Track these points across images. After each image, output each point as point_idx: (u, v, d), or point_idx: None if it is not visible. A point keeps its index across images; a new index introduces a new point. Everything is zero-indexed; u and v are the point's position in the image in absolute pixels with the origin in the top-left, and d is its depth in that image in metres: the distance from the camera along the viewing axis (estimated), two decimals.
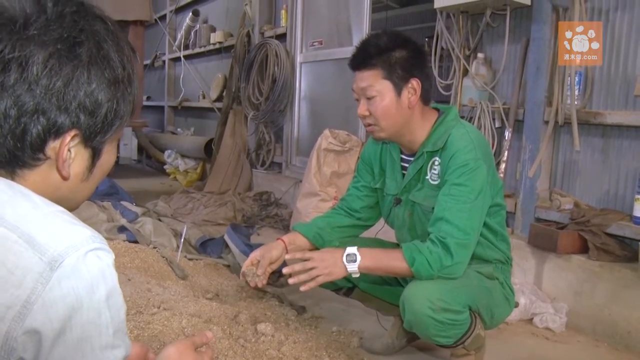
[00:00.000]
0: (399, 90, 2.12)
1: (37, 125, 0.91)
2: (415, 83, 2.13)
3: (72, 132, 0.94)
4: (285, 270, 2.17)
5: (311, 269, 2.07)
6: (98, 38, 0.96)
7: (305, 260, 2.10)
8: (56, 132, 0.93)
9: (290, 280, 2.11)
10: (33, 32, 0.90)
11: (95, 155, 1.00)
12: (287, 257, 2.22)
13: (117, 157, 7.95)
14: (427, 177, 2.19)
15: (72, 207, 1.02)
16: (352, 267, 2.06)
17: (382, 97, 2.12)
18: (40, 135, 0.92)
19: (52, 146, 0.94)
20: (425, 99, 2.18)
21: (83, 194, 1.05)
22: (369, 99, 2.14)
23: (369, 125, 2.19)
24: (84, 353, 0.87)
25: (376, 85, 2.12)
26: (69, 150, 0.95)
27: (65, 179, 0.97)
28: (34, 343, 0.84)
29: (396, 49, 2.12)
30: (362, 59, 2.16)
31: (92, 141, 0.98)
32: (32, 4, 0.92)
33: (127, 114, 1.03)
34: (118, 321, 0.91)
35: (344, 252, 2.07)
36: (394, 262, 2.05)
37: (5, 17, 0.90)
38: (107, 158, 1.04)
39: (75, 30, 0.93)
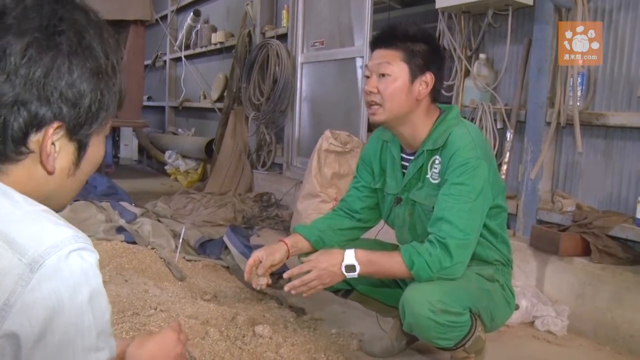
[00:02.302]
0: (413, 78, 2.12)
1: (17, 118, 0.89)
2: (429, 77, 2.13)
3: (55, 124, 0.91)
4: (287, 289, 2.15)
5: (312, 280, 2.07)
6: (79, 27, 0.93)
7: (305, 273, 2.09)
8: (38, 124, 0.90)
9: (290, 290, 2.12)
10: (11, 21, 0.88)
11: (81, 148, 0.97)
12: (285, 275, 2.19)
13: (118, 158, 7.96)
14: (428, 176, 2.17)
15: (60, 204, 1.00)
16: (352, 275, 2.07)
17: (396, 78, 2.11)
18: (22, 128, 0.89)
19: (34, 139, 0.91)
20: (433, 96, 2.18)
21: (71, 190, 1.01)
22: (382, 75, 2.12)
23: (373, 104, 2.16)
24: (66, 356, 0.84)
25: (394, 64, 2.11)
26: (53, 144, 0.93)
27: (50, 173, 0.94)
28: (12, 347, 0.81)
29: (421, 41, 2.13)
30: (387, 38, 2.16)
31: (77, 134, 0.95)
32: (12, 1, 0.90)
33: (113, 106, 0.99)
34: (102, 323, 0.88)
35: (342, 261, 2.05)
36: (393, 266, 2.04)
37: None
38: (95, 152, 1.01)
39: (55, 19, 0.91)
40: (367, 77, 2.18)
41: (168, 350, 1.24)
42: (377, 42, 2.18)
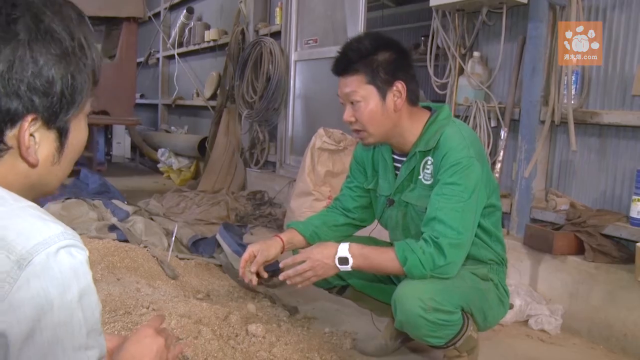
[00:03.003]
0: (383, 94, 2.08)
1: None
2: (400, 85, 2.09)
3: (29, 117, 0.89)
4: (282, 278, 2.15)
5: (306, 271, 2.07)
6: (35, 10, 0.89)
7: (298, 263, 2.09)
8: (11, 119, 0.88)
9: (286, 280, 2.13)
10: None
11: (62, 135, 0.95)
12: (281, 265, 2.19)
13: (110, 156, 7.90)
14: (420, 177, 2.16)
15: (48, 191, 0.98)
16: (345, 268, 2.06)
17: (367, 102, 2.08)
18: None
19: (10, 135, 0.89)
20: (412, 100, 2.14)
21: (57, 177, 0.99)
22: (353, 104, 2.11)
23: (357, 131, 2.16)
24: (56, 355, 0.82)
25: (360, 90, 2.08)
26: (32, 136, 0.90)
27: (33, 165, 0.92)
28: (1, 346, 0.79)
29: (378, 52, 2.08)
30: (344, 65, 2.11)
31: (55, 122, 0.92)
32: None
33: (88, 86, 0.96)
34: (92, 321, 0.87)
35: (336, 254, 2.05)
36: (386, 261, 2.03)
37: None
38: (77, 136, 0.98)
39: (7, 6, 0.87)
40: (343, 104, 2.17)
41: (145, 348, 1.18)
42: (337, 71, 2.15)
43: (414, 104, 2.16)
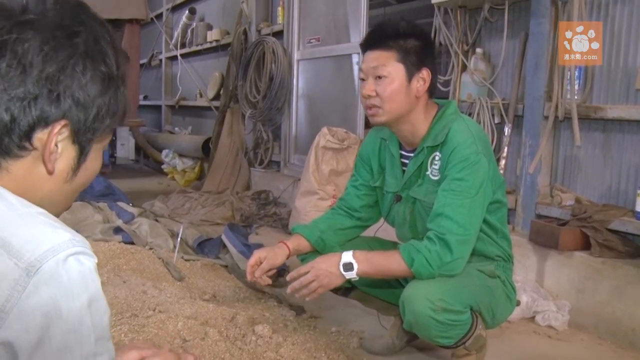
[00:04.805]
0: (410, 76, 2.09)
1: (27, 111, 0.88)
2: (426, 73, 2.11)
3: (62, 122, 0.91)
4: (289, 291, 2.16)
5: (311, 281, 2.07)
6: (96, 33, 0.95)
7: (304, 274, 2.09)
8: (46, 119, 0.90)
9: (293, 293, 2.13)
10: (31, 17, 0.89)
11: (82, 154, 0.97)
12: (288, 278, 2.20)
13: (114, 157, 7.92)
14: (428, 172, 2.15)
15: (52, 211, 0.98)
16: (350, 275, 2.05)
17: (393, 79, 2.08)
18: (30, 122, 0.89)
19: (39, 136, 0.90)
20: (431, 92, 2.16)
21: (64, 198, 1.00)
22: (378, 78, 2.09)
23: (372, 107, 2.13)
24: None
25: (389, 66, 2.08)
26: (56, 145, 0.92)
27: (50, 172, 0.93)
28: (9, 355, 0.80)
29: (413, 37, 2.10)
30: (378, 38, 2.12)
31: (80, 138, 0.95)
32: (33, 1, 0.92)
33: (118, 115, 1.00)
34: (101, 328, 0.87)
35: (340, 260, 2.05)
36: (392, 264, 2.03)
37: (5, 6, 0.90)
38: (93, 162, 1.00)
39: (74, 22, 0.92)
40: (363, 79, 2.16)
41: None
42: (369, 44, 2.15)
43: (431, 96, 2.18)
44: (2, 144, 0.89)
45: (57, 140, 0.91)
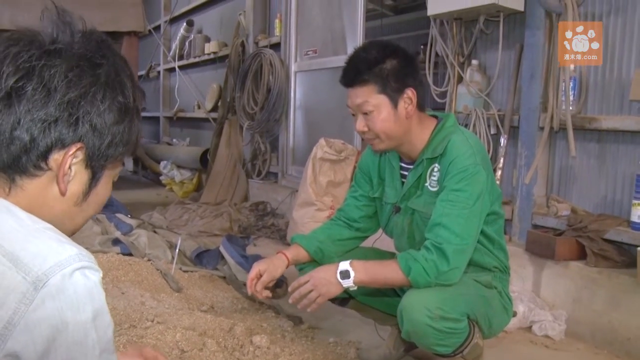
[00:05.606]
0: (395, 103, 2.10)
1: (46, 132, 0.93)
2: (410, 92, 2.11)
3: (78, 145, 0.96)
4: (291, 302, 2.16)
5: (310, 291, 2.07)
6: (117, 66, 1.01)
7: (303, 283, 2.10)
8: (62, 141, 0.94)
9: (294, 303, 2.14)
10: (60, 46, 0.95)
11: (94, 178, 1.01)
12: (289, 289, 2.20)
13: None
14: (427, 184, 2.17)
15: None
16: (347, 283, 2.05)
17: (380, 111, 2.10)
18: (48, 143, 0.93)
19: (55, 157, 0.95)
20: (421, 105, 2.17)
21: (74, 222, 1.04)
22: (365, 114, 2.12)
23: (369, 139, 2.18)
24: None
25: (371, 100, 2.09)
26: (70, 168, 0.96)
27: (62, 193, 0.97)
28: None
29: (386, 59, 2.09)
30: (353, 76, 2.13)
31: (94, 162, 0.99)
32: (63, 32, 0.98)
33: (131, 145, 1.05)
34: (105, 341, 0.89)
35: (337, 268, 2.06)
36: (390, 273, 2.04)
37: (37, 35, 0.96)
38: (103, 188, 1.05)
39: (98, 54, 0.99)
40: (353, 115, 2.18)
41: None
42: (346, 83, 2.16)
43: (422, 109, 2.19)
44: (19, 163, 0.93)
45: (71, 162, 0.96)
